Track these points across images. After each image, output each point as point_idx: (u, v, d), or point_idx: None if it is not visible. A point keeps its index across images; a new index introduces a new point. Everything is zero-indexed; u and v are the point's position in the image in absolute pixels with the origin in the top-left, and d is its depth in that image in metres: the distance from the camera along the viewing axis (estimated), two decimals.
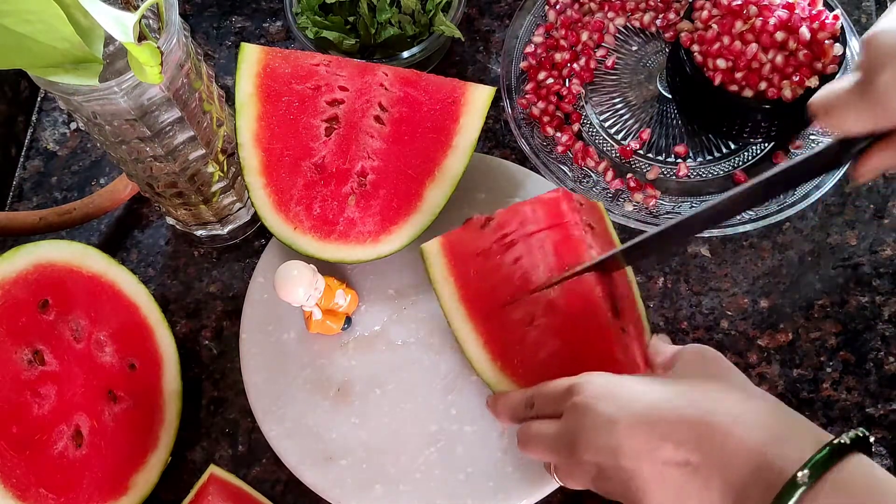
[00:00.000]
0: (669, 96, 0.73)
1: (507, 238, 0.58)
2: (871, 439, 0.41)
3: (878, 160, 0.45)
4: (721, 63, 0.66)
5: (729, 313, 0.66)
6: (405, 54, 0.72)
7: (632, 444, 0.43)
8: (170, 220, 0.70)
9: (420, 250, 0.60)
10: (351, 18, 0.74)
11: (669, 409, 0.44)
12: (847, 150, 0.46)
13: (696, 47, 0.67)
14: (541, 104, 0.73)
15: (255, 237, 0.72)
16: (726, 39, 0.66)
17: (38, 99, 0.81)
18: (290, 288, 0.57)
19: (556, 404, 0.49)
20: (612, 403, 0.45)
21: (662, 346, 0.53)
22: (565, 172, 0.70)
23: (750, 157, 0.71)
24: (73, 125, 0.79)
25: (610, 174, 0.70)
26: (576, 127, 0.72)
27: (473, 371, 0.58)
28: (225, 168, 0.64)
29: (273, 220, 0.62)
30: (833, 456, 0.39)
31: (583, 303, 0.55)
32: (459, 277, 0.59)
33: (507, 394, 0.54)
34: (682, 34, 0.68)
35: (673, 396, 0.45)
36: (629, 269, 0.60)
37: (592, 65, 0.75)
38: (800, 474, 0.38)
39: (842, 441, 0.39)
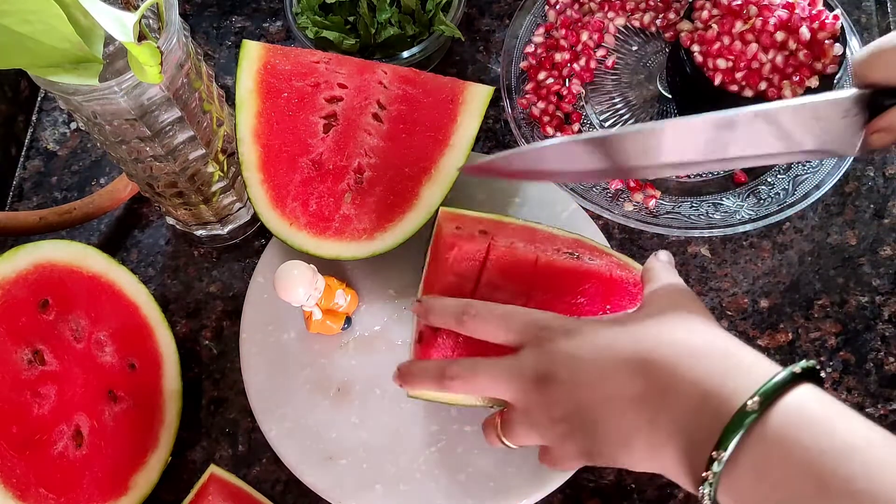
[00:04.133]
0: (669, 96, 0.73)
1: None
2: (823, 374, 0.41)
3: None
4: (721, 63, 0.66)
5: (729, 313, 0.66)
6: (405, 54, 0.72)
7: (588, 379, 0.44)
8: (170, 220, 0.70)
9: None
10: (351, 18, 0.74)
11: (622, 346, 0.44)
12: (872, 107, 0.43)
13: (696, 47, 0.67)
14: (541, 104, 0.73)
15: (255, 237, 0.72)
16: (726, 39, 0.66)
17: (38, 99, 0.81)
18: (290, 288, 0.57)
19: (512, 332, 0.49)
20: (577, 339, 0.46)
21: (658, 273, 0.51)
22: None
23: None
24: (73, 125, 0.79)
25: None
26: (576, 127, 0.72)
27: None
28: (225, 168, 0.64)
29: (269, 215, 0.62)
30: (784, 385, 0.38)
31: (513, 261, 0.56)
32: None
33: (444, 298, 0.53)
34: (682, 34, 0.68)
35: (628, 334, 0.45)
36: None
37: (592, 65, 0.75)
38: (749, 402, 0.38)
39: (793, 371, 0.39)
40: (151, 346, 0.63)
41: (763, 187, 0.68)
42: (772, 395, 0.38)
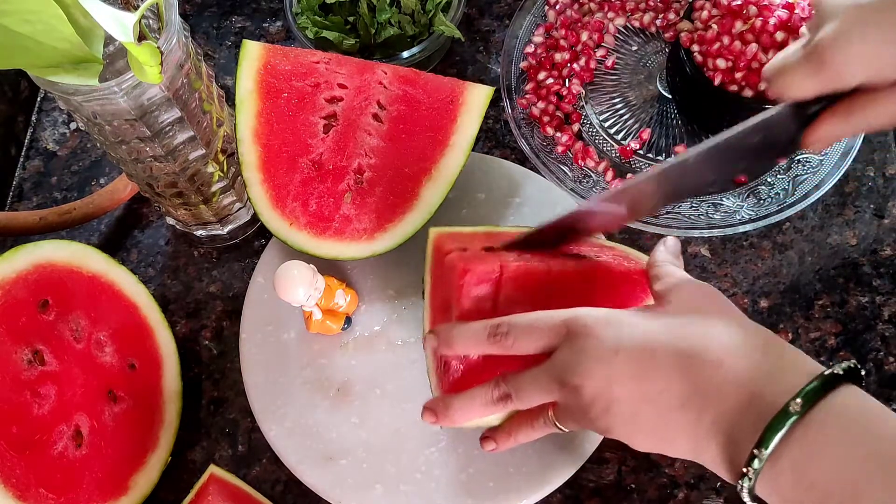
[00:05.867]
0: (669, 96, 0.73)
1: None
2: (863, 372, 0.41)
3: (829, 127, 0.45)
4: (721, 63, 0.66)
5: None
6: (405, 54, 0.72)
7: (627, 374, 0.44)
8: (170, 220, 0.70)
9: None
10: (351, 18, 0.74)
11: (663, 342, 0.44)
12: (799, 117, 0.45)
13: (696, 47, 0.67)
14: (541, 104, 0.73)
15: (255, 237, 0.72)
16: (726, 39, 0.66)
17: (38, 99, 0.81)
18: (290, 288, 0.57)
19: (545, 336, 0.48)
20: (612, 332, 0.46)
21: (665, 269, 0.51)
22: (565, 172, 0.70)
23: None
24: (73, 125, 0.79)
25: (610, 174, 0.70)
26: (576, 127, 0.72)
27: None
28: (225, 168, 0.64)
29: (269, 215, 0.62)
30: (825, 386, 0.39)
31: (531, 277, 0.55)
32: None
33: (464, 322, 0.52)
34: (682, 34, 0.68)
35: (667, 329, 0.45)
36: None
37: (592, 65, 0.75)
38: (792, 403, 0.38)
39: (835, 372, 0.39)
40: (151, 346, 0.63)
41: (763, 187, 0.68)
42: (814, 398, 0.38)
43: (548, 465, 0.57)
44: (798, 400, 0.38)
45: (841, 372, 0.39)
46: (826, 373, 0.39)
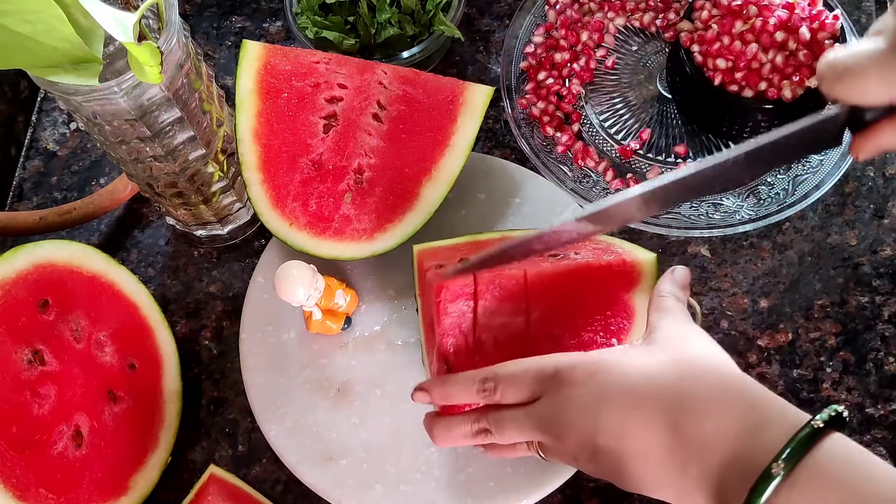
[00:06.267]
0: (669, 96, 0.73)
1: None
2: (846, 414, 0.40)
3: (887, 136, 0.41)
4: (721, 63, 0.66)
5: (729, 313, 0.66)
6: (405, 54, 0.72)
7: (610, 428, 0.43)
8: (170, 220, 0.70)
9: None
10: (351, 18, 0.74)
11: (649, 393, 0.43)
12: (852, 121, 0.42)
13: (696, 47, 0.67)
14: (541, 104, 0.73)
15: (255, 237, 0.72)
16: (726, 39, 0.66)
17: (38, 99, 0.81)
18: (290, 288, 0.57)
19: (530, 386, 0.48)
20: (597, 381, 0.45)
21: (666, 302, 0.50)
22: (565, 172, 0.70)
23: None
24: (73, 125, 0.79)
25: (610, 174, 0.70)
26: (576, 127, 0.72)
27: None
28: (225, 168, 0.64)
29: (269, 215, 0.62)
30: (808, 440, 0.38)
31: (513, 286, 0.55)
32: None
33: (453, 375, 0.51)
34: (682, 34, 0.68)
35: (653, 376, 0.44)
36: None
37: (592, 65, 0.75)
38: (774, 466, 0.38)
39: (816, 426, 0.39)
40: (151, 346, 0.63)
41: (763, 187, 0.68)
42: (797, 454, 0.38)
43: (548, 465, 0.57)
44: (780, 462, 0.38)
45: (822, 425, 0.39)
46: (807, 428, 0.39)
